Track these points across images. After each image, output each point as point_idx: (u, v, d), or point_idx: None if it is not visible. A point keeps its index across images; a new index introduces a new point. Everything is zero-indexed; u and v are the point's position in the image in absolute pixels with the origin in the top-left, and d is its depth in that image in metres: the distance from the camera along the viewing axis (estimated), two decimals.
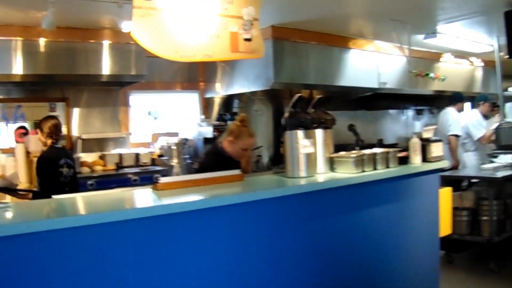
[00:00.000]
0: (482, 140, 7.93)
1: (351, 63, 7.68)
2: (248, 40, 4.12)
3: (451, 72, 9.42)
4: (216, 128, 7.40)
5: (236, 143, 4.50)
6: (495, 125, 7.82)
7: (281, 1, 5.50)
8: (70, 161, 5.24)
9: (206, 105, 8.35)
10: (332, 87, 7.60)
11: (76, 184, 5.41)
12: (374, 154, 4.10)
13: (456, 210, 6.40)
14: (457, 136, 7.92)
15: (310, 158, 3.85)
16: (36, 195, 4.90)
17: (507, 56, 6.04)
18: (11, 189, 5.18)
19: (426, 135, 4.68)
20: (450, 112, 8.02)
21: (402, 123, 10.48)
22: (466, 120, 8.33)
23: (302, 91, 7.70)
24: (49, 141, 5.14)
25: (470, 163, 8.19)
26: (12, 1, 5.34)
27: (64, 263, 2.50)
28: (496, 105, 8.13)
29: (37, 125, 5.36)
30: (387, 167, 4.20)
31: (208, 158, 4.73)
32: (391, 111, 10.24)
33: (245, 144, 4.55)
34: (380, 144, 6.27)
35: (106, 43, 6.70)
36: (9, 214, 2.69)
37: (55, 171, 5.05)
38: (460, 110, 8.21)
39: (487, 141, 7.85)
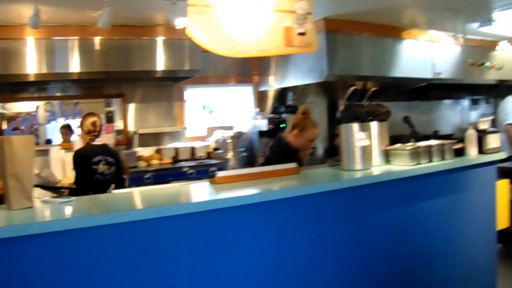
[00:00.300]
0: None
1: (404, 54, 7.61)
2: (302, 34, 4.16)
3: (509, 60, 9.20)
4: (271, 121, 7.45)
5: (302, 135, 4.59)
6: None
7: None
8: (111, 158, 5.23)
9: (260, 98, 8.41)
10: (386, 78, 7.54)
11: (121, 182, 5.42)
12: (430, 146, 4.09)
13: None
14: None
15: (366, 151, 3.87)
16: (73, 192, 4.97)
17: None
18: (50, 187, 5.28)
19: (482, 126, 4.63)
20: (510, 100, 7.90)
21: (458, 113, 10.32)
22: None
23: (356, 83, 7.67)
24: (87, 138, 5.20)
25: None
26: (69, 3, 5.48)
27: (124, 256, 2.62)
28: None
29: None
30: (443, 159, 4.17)
31: (275, 152, 4.74)
32: (446, 101, 10.09)
33: (311, 135, 4.64)
34: (436, 135, 6.21)
35: (160, 40, 6.83)
36: (70, 209, 2.82)
37: (89, 167, 5.08)
38: None
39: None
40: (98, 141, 5.25)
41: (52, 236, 2.40)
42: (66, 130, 7.00)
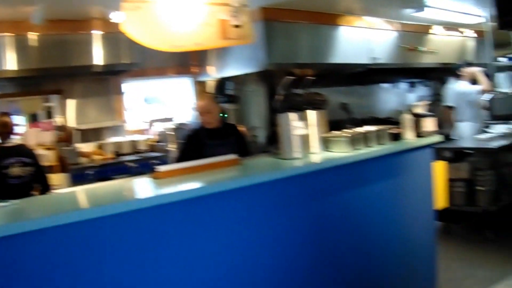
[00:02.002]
0: (486, 90, 7.83)
1: (342, 40, 7.70)
2: (238, 26, 4.15)
3: (443, 44, 9.43)
4: None
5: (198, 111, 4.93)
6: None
7: None
8: (27, 158, 4.96)
9: (200, 88, 8.37)
10: (324, 65, 7.61)
11: (45, 181, 5.17)
12: (367, 132, 4.16)
13: (452, 181, 6.46)
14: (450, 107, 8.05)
15: (304, 139, 3.92)
16: None
17: (498, 28, 6.06)
18: None
19: (418, 110, 4.72)
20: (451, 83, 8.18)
21: (396, 96, 10.52)
22: (456, 90, 8.39)
23: (295, 70, 7.72)
24: None
25: (465, 134, 8.24)
26: None
27: (68, 259, 2.57)
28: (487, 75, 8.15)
29: None
30: (380, 144, 4.25)
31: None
32: (385, 85, 10.27)
33: (198, 108, 4.99)
34: (373, 120, 6.31)
35: (96, 34, 6.71)
36: (9, 213, 2.76)
37: None
38: (470, 77, 8.15)
39: (489, 89, 7.77)
40: (11, 142, 5.02)
41: None
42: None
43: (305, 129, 3.88)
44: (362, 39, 7.98)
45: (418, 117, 4.63)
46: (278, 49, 6.92)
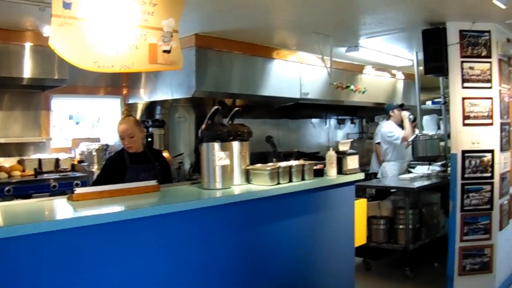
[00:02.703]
0: (405, 138, 8.09)
1: (274, 73, 7.75)
2: (167, 52, 4.11)
3: (373, 84, 9.63)
4: None
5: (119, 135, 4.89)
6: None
7: (205, 10, 5.49)
8: None
9: (127, 111, 8.24)
10: (255, 96, 7.64)
11: None
12: (290, 167, 4.18)
13: (374, 219, 6.60)
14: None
15: (226, 170, 3.90)
16: None
17: (424, 73, 6.25)
18: None
19: (342, 148, 4.78)
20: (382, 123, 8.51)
21: (325, 132, 10.67)
22: (382, 132, 8.65)
23: (226, 100, 7.74)
24: None
25: (390, 173, 8.44)
26: None
27: None
28: (414, 119, 8.42)
29: None
30: (303, 179, 4.28)
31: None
32: (314, 120, 10.40)
33: (118, 132, 4.89)
34: (299, 155, 6.37)
35: (28, 46, 6.52)
36: None
37: None
38: (398, 119, 8.45)
39: (409, 137, 8.01)
40: None
41: None
42: None
43: (227, 160, 3.85)
44: (294, 74, 8.06)
45: (342, 154, 4.69)
46: (209, 77, 6.90)
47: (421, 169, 7.78)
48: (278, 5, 5.38)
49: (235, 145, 4.07)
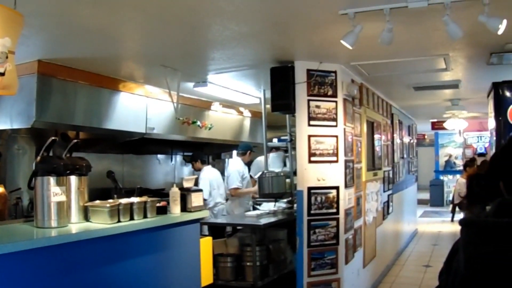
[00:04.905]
0: (232, 192, 8.29)
1: (120, 106, 7.47)
2: (1, 74, 3.75)
3: (221, 121, 9.62)
4: None
5: None
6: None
7: (49, 34, 5.15)
8: None
9: None
10: (100, 129, 7.31)
11: None
12: (131, 204, 3.97)
13: (221, 256, 6.48)
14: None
15: (62, 207, 3.65)
16: None
17: (271, 110, 6.30)
18: None
19: (186, 184, 4.66)
20: (231, 163, 8.49)
21: (171, 168, 10.50)
22: (230, 168, 8.68)
23: (69, 132, 7.33)
24: None
25: (236, 210, 8.42)
26: None
27: None
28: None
29: None
30: (145, 216, 4.08)
31: None
32: (160, 156, 10.20)
33: None
34: (143, 191, 6.14)
35: None
36: None
37: None
38: (248, 160, 8.58)
39: (235, 195, 8.20)
40: None
41: None
42: None
43: (64, 196, 3.57)
44: (140, 108, 7.83)
45: (186, 191, 4.55)
46: (52, 107, 6.50)
47: (268, 206, 7.81)
48: (125, 34, 5.20)
49: (73, 179, 3.82)
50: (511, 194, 1.55)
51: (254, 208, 8.09)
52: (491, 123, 6.47)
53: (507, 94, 6.08)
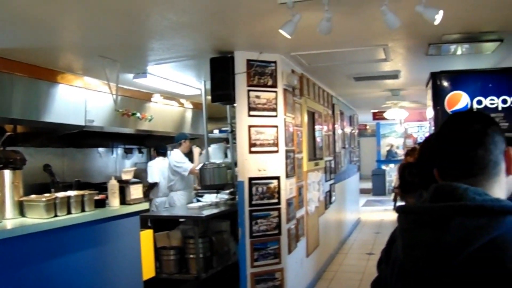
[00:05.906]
0: (193, 171, 8.19)
1: (58, 99, 7.30)
2: None
3: (161, 113, 9.52)
4: None
5: None
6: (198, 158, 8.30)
7: None
8: None
9: None
10: (38, 122, 7.13)
11: None
12: (68, 197, 3.89)
13: (163, 249, 6.44)
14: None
15: None
16: None
17: (212, 101, 6.26)
18: None
19: (125, 176, 4.58)
20: (172, 155, 8.50)
21: (112, 162, 10.33)
22: (170, 160, 8.62)
23: (6, 126, 7.12)
24: None
25: (178, 203, 8.37)
26: None
27: None
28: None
29: None
30: (83, 210, 4.01)
31: None
32: (100, 149, 10.02)
33: None
34: (82, 185, 6.02)
35: None
36: None
37: None
38: (186, 149, 8.51)
39: (196, 173, 8.06)
40: None
41: None
42: None
43: None
44: (79, 100, 7.67)
45: (125, 183, 4.49)
46: None
47: (210, 198, 7.79)
48: (63, 24, 5.05)
49: (6, 173, 3.72)
50: (445, 181, 1.57)
51: (197, 200, 8.06)
52: (430, 112, 6.59)
53: (445, 83, 6.18)
